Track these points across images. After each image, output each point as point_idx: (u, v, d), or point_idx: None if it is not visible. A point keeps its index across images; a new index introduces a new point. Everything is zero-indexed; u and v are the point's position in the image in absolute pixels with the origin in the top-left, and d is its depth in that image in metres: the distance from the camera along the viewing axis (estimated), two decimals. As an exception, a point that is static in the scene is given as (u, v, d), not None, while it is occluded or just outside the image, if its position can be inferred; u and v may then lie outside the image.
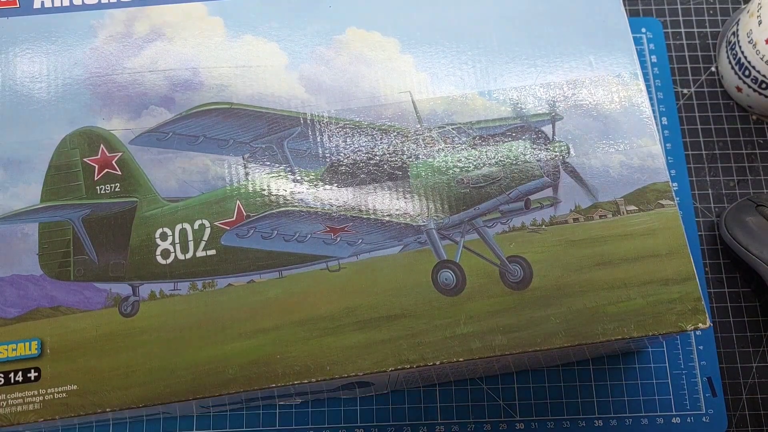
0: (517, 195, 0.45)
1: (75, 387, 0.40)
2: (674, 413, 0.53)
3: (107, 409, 0.40)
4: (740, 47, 0.57)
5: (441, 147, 0.46)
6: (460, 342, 0.42)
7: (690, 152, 0.60)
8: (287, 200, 0.44)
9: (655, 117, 0.57)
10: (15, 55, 0.47)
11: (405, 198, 0.45)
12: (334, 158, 0.45)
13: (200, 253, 0.43)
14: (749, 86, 0.58)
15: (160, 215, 0.44)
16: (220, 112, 0.46)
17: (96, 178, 0.44)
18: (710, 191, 0.59)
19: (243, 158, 0.45)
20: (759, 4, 0.55)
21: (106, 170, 0.44)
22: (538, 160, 0.45)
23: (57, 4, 0.48)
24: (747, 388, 0.54)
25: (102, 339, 0.41)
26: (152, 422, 0.52)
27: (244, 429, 0.52)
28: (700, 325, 0.42)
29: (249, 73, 0.47)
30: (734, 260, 0.56)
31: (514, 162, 0.45)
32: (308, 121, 0.46)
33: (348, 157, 0.45)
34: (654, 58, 0.63)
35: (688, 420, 0.53)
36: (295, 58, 0.47)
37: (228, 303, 0.42)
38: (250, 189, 0.44)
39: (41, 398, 0.40)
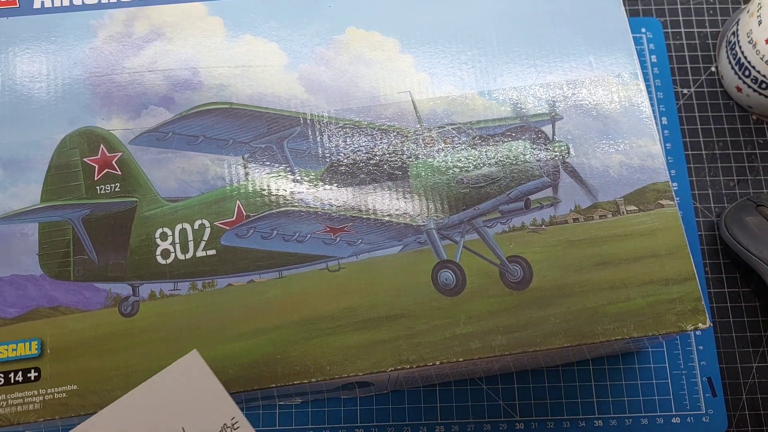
0: (517, 195, 0.45)
1: (75, 387, 0.40)
2: (674, 413, 0.53)
3: (107, 409, 0.40)
4: (740, 47, 0.57)
5: (441, 147, 0.46)
6: (459, 342, 0.42)
7: (690, 152, 0.60)
8: (287, 200, 0.44)
9: (655, 117, 0.57)
10: (15, 55, 0.47)
11: (405, 198, 0.45)
12: (333, 158, 0.45)
13: (200, 253, 0.43)
14: (749, 86, 0.58)
15: (160, 215, 0.44)
16: (219, 112, 0.46)
17: (96, 178, 0.44)
18: (710, 191, 0.59)
19: (243, 158, 0.45)
20: (759, 4, 0.55)
21: (106, 170, 0.44)
22: (538, 160, 0.45)
23: (57, 4, 0.48)
24: (747, 388, 0.54)
25: (102, 339, 0.41)
26: (152, 422, 0.52)
27: (244, 429, 0.52)
28: (700, 325, 0.42)
29: (249, 73, 0.47)
30: (734, 260, 0.56)
31: (514, 162, 0.45)
32: (308, 121, 0.46)
33: (348, 157, 0.45)
34: (654, 58, 0.63)
35: (688, 420, 0.53)
36: (295, 58, 0.47)
37: (228, 303, 0.42)
38: (250, 189, 0.44)
39: (41, 398, 0.40)
